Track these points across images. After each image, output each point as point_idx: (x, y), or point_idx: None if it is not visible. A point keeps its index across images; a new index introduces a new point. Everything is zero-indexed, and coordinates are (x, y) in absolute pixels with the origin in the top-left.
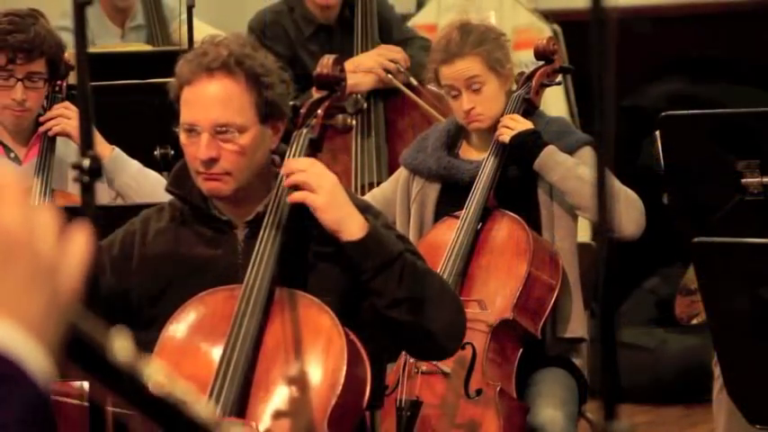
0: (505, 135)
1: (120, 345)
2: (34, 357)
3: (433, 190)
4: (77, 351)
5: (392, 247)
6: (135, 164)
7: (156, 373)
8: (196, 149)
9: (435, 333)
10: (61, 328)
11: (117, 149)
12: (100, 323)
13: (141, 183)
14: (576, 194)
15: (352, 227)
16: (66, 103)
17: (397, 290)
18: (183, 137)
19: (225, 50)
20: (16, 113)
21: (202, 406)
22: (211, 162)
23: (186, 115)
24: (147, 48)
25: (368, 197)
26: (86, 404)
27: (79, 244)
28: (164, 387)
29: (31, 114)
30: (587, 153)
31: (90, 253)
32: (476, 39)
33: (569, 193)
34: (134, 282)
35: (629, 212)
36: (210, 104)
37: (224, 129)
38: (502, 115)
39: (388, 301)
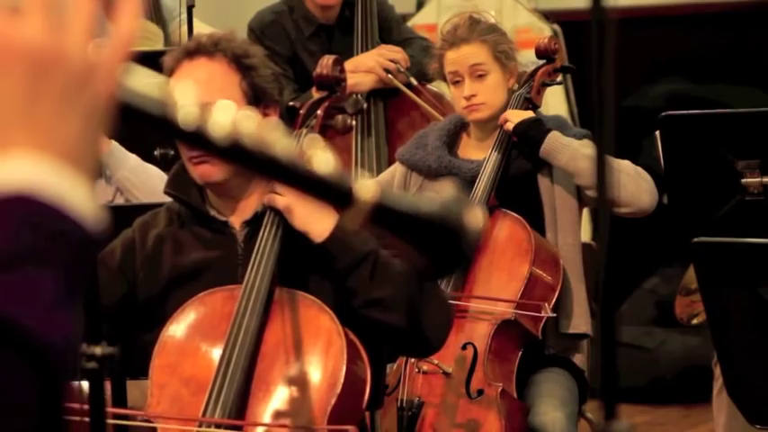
0: (509, 124)
1: (185, 103)
2: (76, 192)
3: (432, 189)
4: (143, 118)
5: (360, 247)
6: (133, 157)
7: (225, 120)
8: None
9: (417, 331)
10: (99, 142)
11: (114, 143)
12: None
13: (141, 176)
14: (587, 174)
15: (317, 228)
16: None
17: (369, 290)
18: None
19: (203, 37)
20: None
21: (281, 142)
22: None
23: None
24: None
25: None
26: (86, 406)
27: (124, 23)
28: (237, 133)
29: None
30: (588, 143)
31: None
32: (484, 28)
33: (579, 173)
34: (138, 286)
35: (642, 184)
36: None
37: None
38: (503, 112)
39: (362, 302)
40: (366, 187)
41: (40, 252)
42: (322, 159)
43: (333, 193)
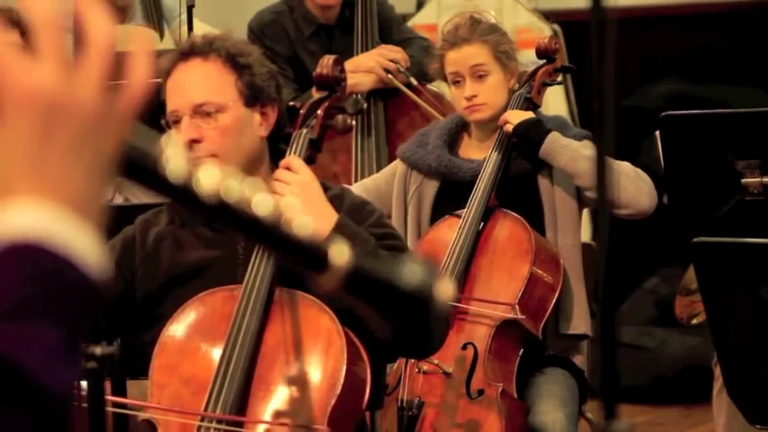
0: (508, 126)
1: (173, 157)
2: (82, 241)
3: (432, 187)
4: (131, 169)
5: (360, 247)
6: None
7: (212, 179)
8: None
9: (415, 332)
10: (105, 191)
11: None
12: (149, 133)
13: None
14: (586, 175)
15: (317, 227)
16: None
17: None
18: (172, 131)
19: (197, 37)
20: None
21: (263, 203)
22: (194, 144)
23: (169, 105)
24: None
25: (359, 187)
26: (85, 405)
27: (137, 75)
28: (221, 192)
29: None
30: (588, 144)
31: (152, 70)
32: (485, 28)
33: (579, 174)
34: (136, 284)
35: (641, 186)
36: (187, 88)
37: (202, 109)
38: (503, 112)
39: None
40: (341, 253)
41: (44, 302)
42: (301, 223)
43: (309, 257)
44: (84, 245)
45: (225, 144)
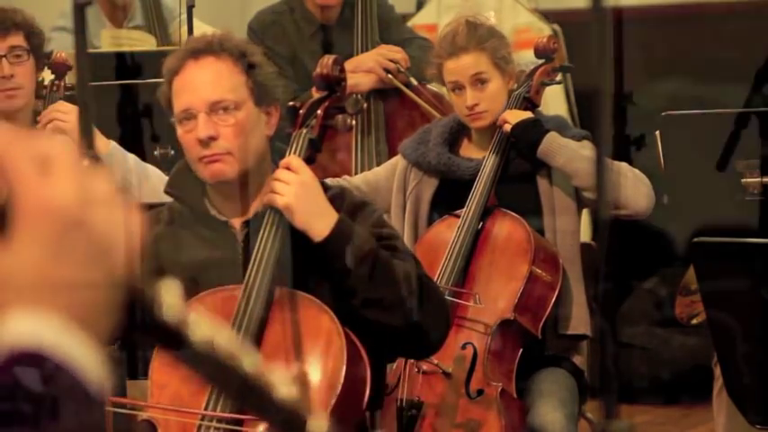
0: (507, 126)
1: (169, 300)
2: (84, 355)
3: (431, 185)
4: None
5: (360, 247)
6: (132, 157)
7: (204, 329)
8: (194, 135)
9: (416, 331)
10: (114, 312)
11: (113, 143)
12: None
13: (140, 176)
14: (584, 175)
15: (318, 226)
16: (60, 102)
17: (368, 289)
18: (179, 129)
19: (207, 36)
20: (8, 93)
21: (251, 359)
22: (210, 141)
23: (180, 103)
24: (148, 48)
25: (360, 179)
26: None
27: (132, 212)
28: (212, 343)
29: (24, 94)
30: (587, 144)
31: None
32: (483, 34)
33: (576, 174)
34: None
35: (640, 187)
36: (201, 85)
37: (219, 105)
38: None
39: (361, 301)
40: (319, 426)
41: (44, 411)
42: (284, 389)
43: (288, 423)
44: (86, 359)
45: (239, 142)
